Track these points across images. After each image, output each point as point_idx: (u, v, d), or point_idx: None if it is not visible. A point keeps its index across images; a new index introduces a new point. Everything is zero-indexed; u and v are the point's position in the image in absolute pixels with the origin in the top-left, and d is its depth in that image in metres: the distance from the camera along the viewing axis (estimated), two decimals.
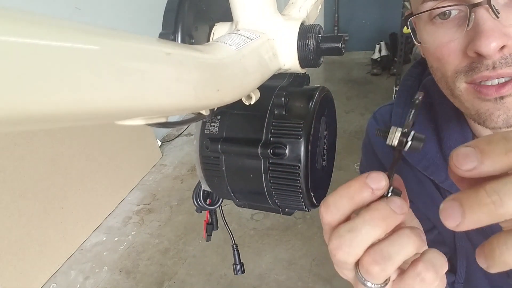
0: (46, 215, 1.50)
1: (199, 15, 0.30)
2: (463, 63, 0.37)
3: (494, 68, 0.35)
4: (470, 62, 0.36)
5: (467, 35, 0.35)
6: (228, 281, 1.46)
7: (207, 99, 0.20)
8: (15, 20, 0.11)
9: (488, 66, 0.35)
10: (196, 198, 0.40)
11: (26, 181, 1.41)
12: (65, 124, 0.13)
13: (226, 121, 0.31)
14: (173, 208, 1.90)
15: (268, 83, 0.28)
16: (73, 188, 1.62)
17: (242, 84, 0.24)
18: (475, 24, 0.34)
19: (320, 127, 0.31)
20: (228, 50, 0.24)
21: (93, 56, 0.13)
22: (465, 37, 0.35)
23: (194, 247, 1.64)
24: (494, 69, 0.35)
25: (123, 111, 0.15)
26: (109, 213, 1.86)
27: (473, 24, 0.34)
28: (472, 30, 0.34)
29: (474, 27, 0.34)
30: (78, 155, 1.65)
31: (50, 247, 1.52)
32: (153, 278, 1.52)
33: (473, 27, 0.34)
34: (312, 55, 0.29)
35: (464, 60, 0.37)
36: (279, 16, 0.30)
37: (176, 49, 0.19)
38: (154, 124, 0.21)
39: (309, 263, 1.49)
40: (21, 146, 1.39)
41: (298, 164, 0.28)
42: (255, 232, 1.68)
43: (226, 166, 0.31)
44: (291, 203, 0.31)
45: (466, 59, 0.37)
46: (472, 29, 0.34)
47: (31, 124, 0.12)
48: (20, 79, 0.10)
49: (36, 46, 0.11)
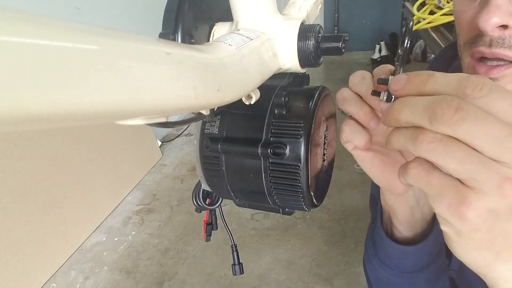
0: (46, 215, 1.50)
1: (199, 15, 0.30)
2: (469, 34, 0.37)
3: (490, 45, 0.34)
4: (475, 35, 0.36)
5: (478, 7, 0.35)
6: (228, 281, 1.46)
7: (207, 99, 0.20)
8: (15, 20, 0.11)
9: (485, 42, 0.35)
10: (196, 198, 0.40)
11: (26, 181, 1.41)
12: (65, 124, 0.13)
13: (226, 120, 0.31)
14: (173, 208, 1.90)
15: (268, 83, 0.28)
16: (73, 188, 1.62)
17: (242, 83, 0.24)
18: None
19: (320, 127, 0.31)
20: (228, 50, 0.24)
21: (93, 56, 0.13)
22: (476, 8, 0.35)
23: (194, 247, 1.64)
24: (490, 47, 0.35)
25: (123, 111, 0.15)
26: (109, 213, 1.86)
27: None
28: (482, 2, 0.34)
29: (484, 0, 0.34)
30: (78, 155, 1.65)
31: (50, 247, 1.52)
32: (153, 278, 1.52)
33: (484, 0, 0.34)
34: (312, 55, 0.29)
35: (471, 32, 0.37)
36: (279, 16, 0.30)
37: (176, 49, 0.19)
38: (154, 124, 0.21)
39: (309, 263, 1.49)
40: (21, 146, 1.39)
41: (298, 164, 0.28)
42: (255, 232, 1.68)
43: (226, 166, 0.31)
44: (291, 202, 0.31)
45: (472, 31, 0.36)
46: (483, 1, 0.34)
47: (31, 124, 0.12)
48: (20, 79, 0.10)
49: (36, 46, 0.11)
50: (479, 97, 0.21)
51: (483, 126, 0.20)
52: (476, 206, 0.21)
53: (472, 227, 0.21)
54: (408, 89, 0.23)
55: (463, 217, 0.21)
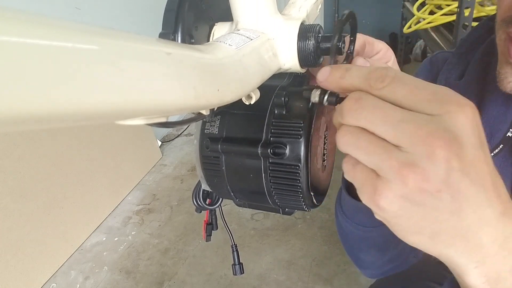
0: (46, 215, 1.49)
1: (199, 15, 0.30)
2: (508, 13, 0.37)
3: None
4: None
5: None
6: (228, 281, 1.46)
7: (207, 99, 0.20)
8: (15, 20, 0.11)
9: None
10: (196, 198, 0.40)
11: (26, 181, 1.41)
12: (65, 124, 0.13)
13: (226, 120, 0.31)
14: (173, 208, 1.90)
15: (268, 82, 0.28)
16: (73, 188, 1.62)
17: (242, 83, 0.24)
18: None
19: (320, 127, 0.31)
20: (228, 50, 0.24)
21: (93, 56, 0.13)
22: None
23: (194, 247, 1.64)
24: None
25: (123, 111, 0.15)
26: (109, 213, 1.86)
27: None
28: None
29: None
30: (78, 155, 1.65)
31: (50, 247, 1.52)
32: (153, 278, 1.52)
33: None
34: (312, 55, 0.29)
35: (510, 10, 0.36)
36: (279, 16, 0.30)
37: (176, 49, 0.19)
38: (154, 124, 0.21)
39: (309, 263, 1.49)
40: (21, 146, 1.39)
41: (298, 164, 0.28)
42: (255, 232, 1.68)
43: (226, 166, 0.31)
44: (291, 202, 0.31)
45: (511, 10, 0.36)
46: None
47: (31, 124, 0.12)
48: (20, 79, 0.10)
49: (36, 46, 0.11)
50: (382, 87, 0.22)
51: (380, 113, 0.21)
52: (386, 195, 0.21)
53: (392, 214, 0.22)
54: (330, 81, 0.25)
55: (379, 206, 0.22)
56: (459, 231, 0.21)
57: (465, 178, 0.20)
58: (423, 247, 0.23)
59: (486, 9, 1.57)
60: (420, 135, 0.20)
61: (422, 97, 0.21)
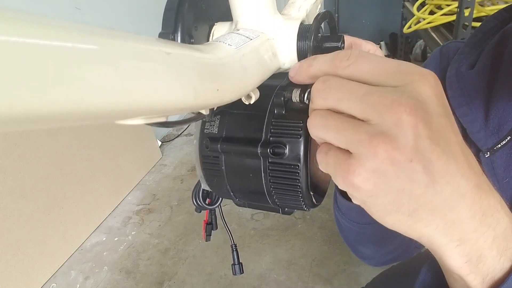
0: (46, 215, 1.50)
1: (199, 14, 0.30)
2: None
3: None
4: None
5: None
6: (228, 281, 1.46)
7: (207, 99, 0.21)
8: (15, 20, 0.11)
9: None
10: (196, 198, 0.40)
11: (26, 181, 1.41)
12: (65, 124, 0.14)
13: (226, 120, 0.31)
14: (173, 208, 1.90)
15: (267, 82, 0.28)
16: (73, 188, 1.62)
17: (242, 83, 0.24)
18: None
19: None
20: (227, 50, 0.24)
21: (93, 56, 0.13)
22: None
23: (194, 247, 1.64)
24: None
25: (123, 110, 0.15)
26: (109, 213, 1.86)
27: None
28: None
29: None
30: (78, 155, 1.65)
31: (50, 247, 1.52)
32: (153, 278, 1.52)
33: None
34: (311, 55, 0.29)
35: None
36: (278, 15, 0.30)
37: (176, 48, 0.19)
38: (154, 124, 0.21)
39: (309, 263, 1.49)
40: (21, 146, 1.39)
41: (298, 164, 0.28)
42: (255, 232, 1.68)
43: (225, 166, 0.31)
44: (290, 202, 0.31)
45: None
46: None
47: (31, 124, 0.12)
48: (20, 79, 0.10)
49: (36, 46, 0.11)
50: (347, 66, 0.22)
51: (345, 90, 0.22)
52: (359, 172, 0.21)
53: (367, 193, 0.21)
54: (300, 73, 0.25)
55: (354, 186, 0.21)
56: (436, 206, 0.21)
57: (435, 147, 0.20)
58: (403, 229, 0.23)
59: (486, 9, 1.57)
60: (385, 104, 0.20)
61: (385, 71, 0.22)
